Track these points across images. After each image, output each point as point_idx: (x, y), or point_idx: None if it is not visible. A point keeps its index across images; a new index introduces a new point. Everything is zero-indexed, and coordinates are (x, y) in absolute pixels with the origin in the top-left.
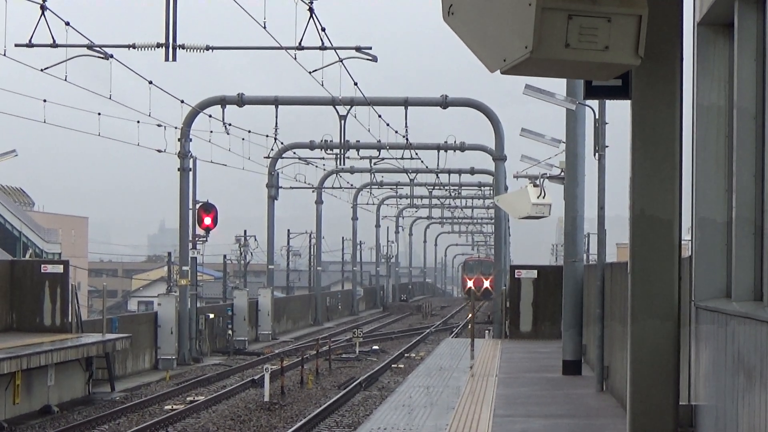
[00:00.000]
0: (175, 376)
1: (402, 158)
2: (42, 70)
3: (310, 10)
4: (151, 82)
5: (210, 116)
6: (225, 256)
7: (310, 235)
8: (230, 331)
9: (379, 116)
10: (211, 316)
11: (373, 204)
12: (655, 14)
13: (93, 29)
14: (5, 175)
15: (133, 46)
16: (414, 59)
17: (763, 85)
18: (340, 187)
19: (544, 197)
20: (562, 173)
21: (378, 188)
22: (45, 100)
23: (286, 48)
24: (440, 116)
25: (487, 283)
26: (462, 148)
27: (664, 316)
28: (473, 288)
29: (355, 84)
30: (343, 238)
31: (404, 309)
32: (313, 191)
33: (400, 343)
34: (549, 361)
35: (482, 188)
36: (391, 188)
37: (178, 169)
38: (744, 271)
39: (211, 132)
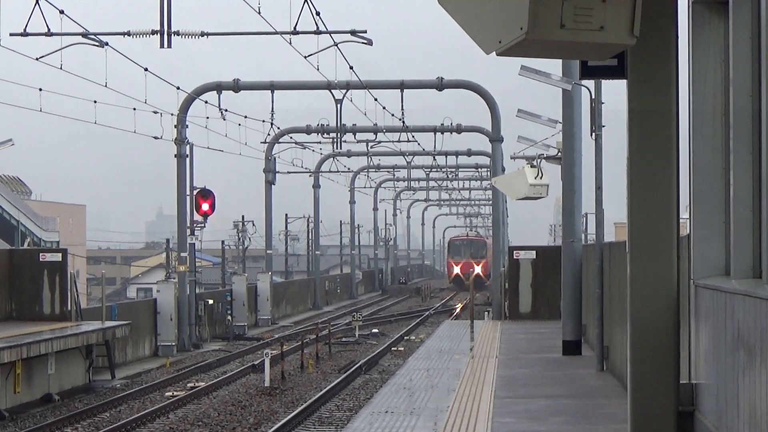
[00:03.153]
0: (175, 363)
1: (399, 141)
2: (37, 59)
3: None
4: (146, 69)
5: (206, 102)
6: (223, 242)
7: (308, 220)
8: (229, 317)
9: (375, 99)
10: (211, 302)
11: (371, 187)
12: None
13: (88, 17)
14: (2, 164)
15: (128, 34)
16: (410, 42)
17: (759, 62)
18: (338, 171)
19: (541, 178)
20: (559, 153)
21: (375, 171)
22: (41, 89)
23: (281, 33)
24: (436, 99)
25: (478, 269)
26: (458, 130)
27: (663, 295)
28: (461, 275)
29: (351, 68)
30: (341, 221)
31: (403, 292)
32: (310, 175)
33: (400, 326)
34: (549, 341)
35: (479, 170)
36: (388, 171)
37: (175, 156)
38: (743, 249)
39: (208, 118)
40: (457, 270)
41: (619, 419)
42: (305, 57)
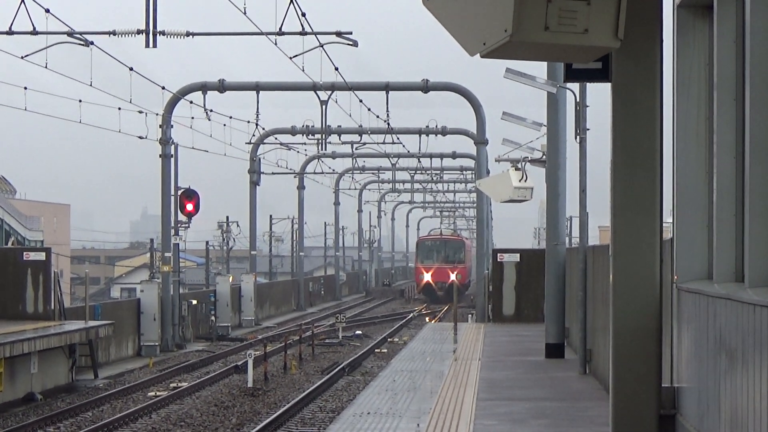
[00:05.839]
0: (158, 363)
1: (383, 143)
2: (22, 57)
3: None
4: (131, 69)
5: (191, 102)
6: (207, 242)
7: (293, 221)
8: (213, 317)
9: (360, 101)
10: (194, 302)
11: (355, 189)
12: None
13: (73, 16)
14: None
15: (114, 33)
16: (395, 44)
17: (743, 66)
18: (322, 173)
19: (525, 180)
20: (544, 156)
21: (360, 173)
22: (26, 88)
23: (267, 33)
24: (422, 101)
25: (455, 276)
26: (443, 132)
27: (646, 299)
28: (433, 284)
29: (336, 69)
30: (325, 223)
31: (387, 294)
32: (295, 177)
33: (383, 328)
34: (532, 344)
35: (464, 172)
36: (372, 173)
37: (160, 156)
38: (725, 253)
39: (193, 118)
40: (427, 277)
41: (601, 422)
42: (291, 58)
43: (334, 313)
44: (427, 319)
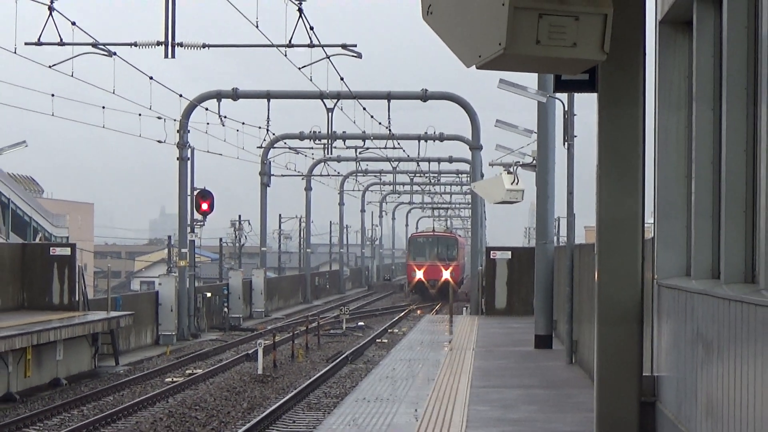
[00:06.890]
0: (175, 351)
1: (385, 148)
2: (50, 66)
3: (299, 10)
4: (151, 78)
5: (207, 109)
6: (221, 239)
7: (300, 220)
8: (226, 309)
9: (364, 109)
10: (209, 294)
11: (359, 190)
12: (620, 13)
13: (97, 28)
14: (16, 164)
15: (135, 44)
16: (397, 56)
17: (720, 78)
18: (328, 175)
19: (517, 184)
20: (534, 161)
21: (363, 176)
22: (53, 95)
23: (277, 45)
24: (421, 109)
25: (447, 273)
26: (441, 138)
27: (628, 294)
28: (425, 282)
29: (342, 79)
30: (330, 222)
31: (387, 288)
32: (302, 179)
33: (384, 320)
34: (522, 335)
35: (460, 175)
36: (375, 176)
37: (177, 159)
38: (702, 252)
39: (208, 124)
40: (419, 275)
41: (586, 408)
42: (299, 68)
43: (339, 305)
44: (419, 311)
